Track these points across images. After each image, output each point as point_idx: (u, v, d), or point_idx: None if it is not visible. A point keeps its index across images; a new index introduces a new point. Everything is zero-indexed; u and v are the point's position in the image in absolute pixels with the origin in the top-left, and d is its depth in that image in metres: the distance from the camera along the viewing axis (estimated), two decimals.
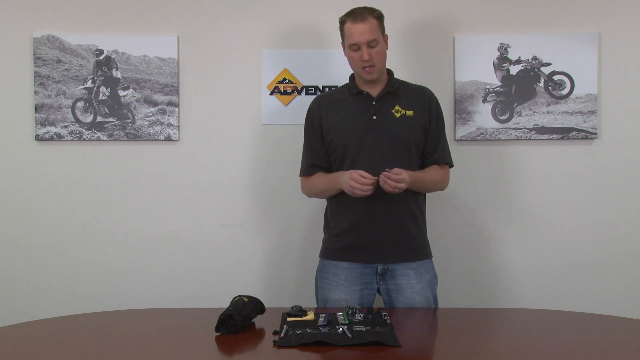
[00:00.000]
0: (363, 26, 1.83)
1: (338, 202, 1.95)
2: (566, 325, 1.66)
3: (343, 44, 1.94)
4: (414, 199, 1.93)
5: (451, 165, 2.02)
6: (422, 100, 1.96)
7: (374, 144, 1.88)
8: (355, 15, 1.86)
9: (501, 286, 2.45)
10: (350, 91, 1.97)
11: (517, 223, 2.45)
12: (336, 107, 1.97)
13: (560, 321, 1.71)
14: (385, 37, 1.91)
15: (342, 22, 1.90)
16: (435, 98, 2.00)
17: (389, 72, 1.99)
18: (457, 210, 2.45)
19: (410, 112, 1.92)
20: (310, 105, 2.04)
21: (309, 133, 2.01)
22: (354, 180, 1.78)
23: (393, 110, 1.92)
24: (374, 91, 1.94)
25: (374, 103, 1.92)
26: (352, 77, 2.00)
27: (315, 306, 1.96)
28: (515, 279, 2.46)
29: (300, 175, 2.05)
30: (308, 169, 2.01)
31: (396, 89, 1.95)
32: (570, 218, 2.44)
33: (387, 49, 1.93)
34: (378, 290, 1.95)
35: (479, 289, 2.45)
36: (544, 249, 2.45)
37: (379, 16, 1.88)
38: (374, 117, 1.91)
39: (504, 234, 2.46)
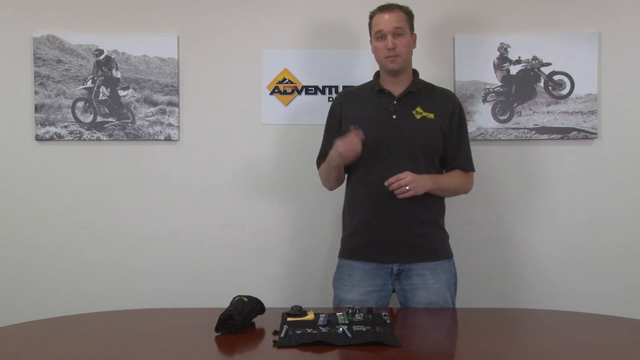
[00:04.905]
0: (389, 15, 1.87)
1: (352, 200, 1.96)
2: (566, 325, 1.66)
3: (371, 39, 1.95)
4: (430, 197, 1.90)
5: (474, 170, 2.01)
6: (446, 104, 1.94)
7: (392, 144, 1.88)
8: (384, 6, 1.90)
9: (500, 286, 2.45)
10: (373, 88, 1.96)
11: (516, 223, 2.45)
12: (357, 103, 1.97)
13: (560, 321, 1.71)
14: (413, 36, 1.93)
15: (371, 15, 1.93)
16: (460, 103, 1.99)
17: (414, 73, 1.98)
18: (457, 210, 2.44)
19: (432, 115, 1.90)
20: (334, 99, 2.08)
21: (328, 127, 2.04)
22: (339, 146, 1.79)
23: (414, 111, 1.90)
24: (397, 90, 1.93)
25: (395, 102, 1.91)
26: (376, 74, 2.00)
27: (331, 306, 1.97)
28: (514, 278, 2.46)
29: (316, 166, 2.08)
30: (318, 161, 2.05)
31: (419, 90, 1.93)
32: (570, 218, 2.44)
33: (415, 47, 1.94)
34: (394, 291, 1.94)
35: (478, 289, 2.45)
36: (543, 249, 2.45)
37: (407, 11, 1.91)
38: (394, 117, 1.89)
39: (503, 234, 2.45)
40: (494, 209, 2.44)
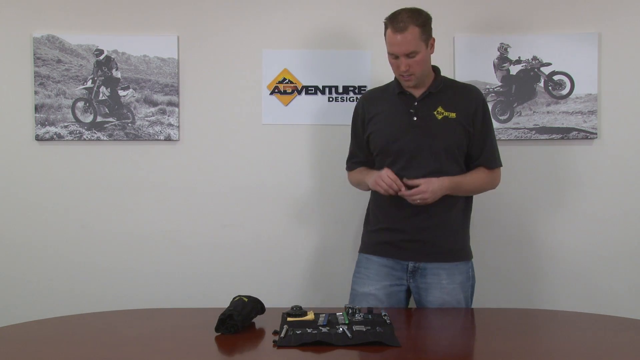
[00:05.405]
0: (402, 37, 1.78)
1: (376, 199, 1.97)
2: (565, 325, 1.66)
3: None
4: (451, 198, 1.89)
5: (501, 165, 1.99)
6: (468, 102, 1.90)
7: (413, 145, 1.87)
8: (396, 23, 1.78)
9: (499, 286, 2.45)
10: (394, 90, 1.94)
11: (516, 223, 2.45)
12: (379, 105, 1.96)
13: (560, 321, 1.71)
14: (431, 41, 1.85)
15: (385, 26, 1.84)
16: (483, 99, 1.94)
17: (435, 70, 1.94)
18: None
19: (453, 114, 1.87)
20: (357, 101, 2.09)
21: (352, 129, 2.05)
22: (382, 178, 1.82)
23: (435, 112, 1.88)
24: (417, 91, 1.91)
25: (415, 104, 1.90)
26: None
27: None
28: (513, 279, 2.46)
29: (346, 169, 2.13)
30: (351, 165, 2.09)
31: (440, 90, 1.90)
32: (569, 218, 2.44)
33: (433, 52, 1.88)
34: (409, 289, 1.94)
35: (477, 290, 2.45)
36: (542, 249, 2.45)
37: (423, 23, 1.80)
38: (415, 119, 1.88)
39: (502, 234, 2.45)
40: (493, 209, 2.43)
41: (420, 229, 1.87)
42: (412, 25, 1.78)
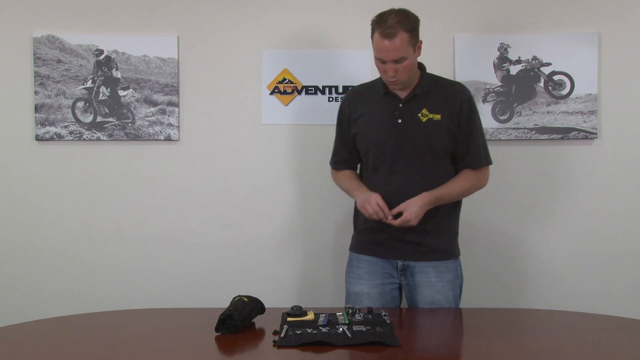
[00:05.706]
0: (390, 44, 1.73)
1: None
2: (565, 325, 1.66)
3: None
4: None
5: (489, 164, 1.95)
6: (453, 102, 1.86)
7: (398, 149, 1.86)
8: (385, 28, 1.73)
9: (499, 286, 2.45)
10: (380, 90, 1.91)
11: (516, 223, 2.45)
12: (364, 106, 1.94)
13: (562, 321, 1.71)
14: (418, 44, 1.81)
15: (372, 28, 1.79)
16: (468, 98, 1.89)
17: (421, 68, 1.91)
18: None
19: (438, 116, 1.84)
20: (343, 98, 2.08)
21: (338, 128, 2.03)
22: (370, 204, 1.80)
23: (420, 114, 1.85)
24: (403, 93, 1.88)
25: (400, 105, 1.87)
26: None
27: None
28: (513, 279, 2.46)
29: (330, 165, 2.09)
30: (335, 164, 2.06)
31: (426, 91, 1.87)
32: (570, 218, 2.44)
33: (420, 55, 1.85)
34: (401, 286, 1.95)
35: (476, 289, 2.45)
36: (542, 250, 2.45)
37: (411, 27, 1.76)
38: (399, 121, 1.86)
39: (502, 234, 2.45)
40: (494, 209, 2.44)
41: (405, 231, 1.86)
42: (401, 30, 1.73)
